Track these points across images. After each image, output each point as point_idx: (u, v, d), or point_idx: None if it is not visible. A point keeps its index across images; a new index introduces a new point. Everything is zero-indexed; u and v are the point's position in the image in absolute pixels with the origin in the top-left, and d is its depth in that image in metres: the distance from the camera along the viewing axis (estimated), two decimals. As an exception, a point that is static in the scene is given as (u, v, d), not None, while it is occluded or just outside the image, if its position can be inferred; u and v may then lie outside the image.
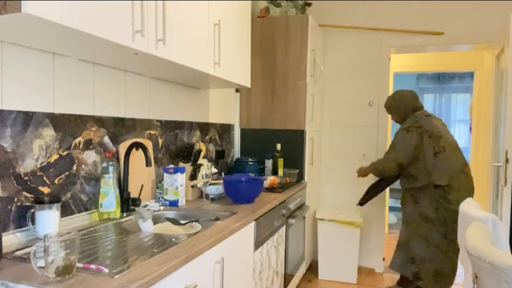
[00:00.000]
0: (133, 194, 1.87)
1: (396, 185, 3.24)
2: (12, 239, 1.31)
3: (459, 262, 2.73)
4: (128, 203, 1.77)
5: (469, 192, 2.63)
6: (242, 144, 3.25)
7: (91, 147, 1.66)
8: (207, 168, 2.34)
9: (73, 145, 1.56)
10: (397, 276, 3.48)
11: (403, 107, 2.84)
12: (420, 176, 2.65)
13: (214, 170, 2.45)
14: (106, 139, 1.75)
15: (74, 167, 1.57)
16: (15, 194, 1.33)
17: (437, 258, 2.64)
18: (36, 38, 1.23)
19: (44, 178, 1.43)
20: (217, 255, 1.50)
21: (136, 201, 1.77)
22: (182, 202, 2.02)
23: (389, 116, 3.64)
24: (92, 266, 1.08)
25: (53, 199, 1.35)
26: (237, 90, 3.26)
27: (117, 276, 1.03)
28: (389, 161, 2.72)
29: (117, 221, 1.64)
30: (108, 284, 0.98)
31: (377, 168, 2.81)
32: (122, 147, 1.83)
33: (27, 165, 1.37)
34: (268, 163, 3.01)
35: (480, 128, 4.54)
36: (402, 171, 2.75)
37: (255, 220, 1.94)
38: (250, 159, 2.94)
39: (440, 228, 2.62)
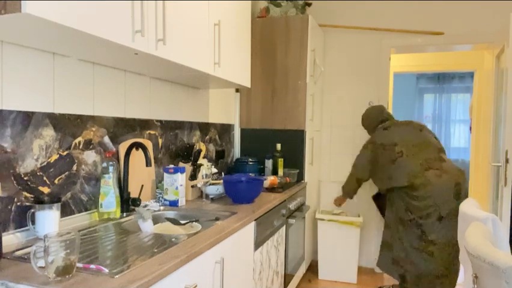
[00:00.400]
0: (133, 194, 1.87)
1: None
2: (12, 239, 1.31)
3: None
4: (128, 203, 1.77)
5: (445, 183, 2.52)
6: (242, 144, 3.25)
7: (91, 147, 1.66)
8: (207, 168, 2.34)
9: (73, 145, 1.56)
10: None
11: (370, 123, 3.02)
12: (382, 183, 2.77)
13: (214, 170, 2.45)
14: (106, 139, 1.75)
15: (74, 167, 1.57)
16: (15, 194, 1.33)
17: (419, 260, 2.58)
18: (36, 38, 1.23)
19: (44, 178, 1.43)
20: (217, 255, 1.50)
21: (136, 201, 1.77)
22: (182, 202, 2.02)
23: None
24: (92, 266, 1.08)
25: (53, 199, 1.35)
26: (237, 90, 3.26)
27: (117, 276, 1.03)
28: (350, 179, 2.96)
29: (117, 221, 1.64)
30: (108, 284, 0.98)
31: (344, 191, 3.02)
32: (122, 147, 1.83)
33: (27, 165, 1.37)
34: (268, 163, 3.01)
35: (480, 128, 4.54)
36: (361, 184, 2.96)
37: (255, 220, 1.94)
38: (250, 159, 2.94)
39: (416, 229, 2.58)
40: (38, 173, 1.41)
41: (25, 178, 1.36)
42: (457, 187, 2.53)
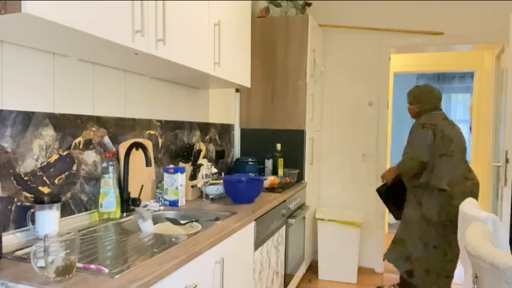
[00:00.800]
0: (133, 194, 1.87)
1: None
2: (12, 239, 1.31)
3: (459, 263, 2.73)
4: (128, 203, 1.77)
5: (473, 198, 2.57)
6: (242, 144, 3.25)
7: (91, 147, 1.66)
8: (207, 168, 2.33)
9: (73, 145, 1.56)
10: (397, 277, 3.48)
11: (428, 102, 2.75)
12: (422, 174, 2.62)
13: (214, 170, 2.45)
14: (106, 139, 1.75)
15: (74, 167, 1.57)
16: (15, 194, 1.33)
17: (434, 258, 2.60)
18: (36, 38, 1.23)
19: (44, 178, 1.43)
20: (217, 255, 1.50)
21: (136, 201, 1.77)
22: (182, 202, 2.02)
23: (390, 115, 3.64)
24: (92, 266, 1.08)
25: (53, 199, 1.35)
26: (237, 90, 3.26)
27: (117, 276, 1.03)
28: (410, 159, 2.62)
29: (117, 221, 1.64)
30: (108, 284, 0.98)
31: (403, 168, 2.68)
32: (122, 147, 1.83)
33: (27, 165, 1.37)
34: (268, 163, 3.01)
35: (480, 128, 4.54)
36: (424, 169, 2.64)
37: (255, 220, 1.94)
38: (250, 159, 2.94)
39: (442, 231, 2.57)
40: (38, 173, 1.41)
41: (25, 178, 1.36)
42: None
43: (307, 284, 3.26)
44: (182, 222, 1.70)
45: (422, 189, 2.62)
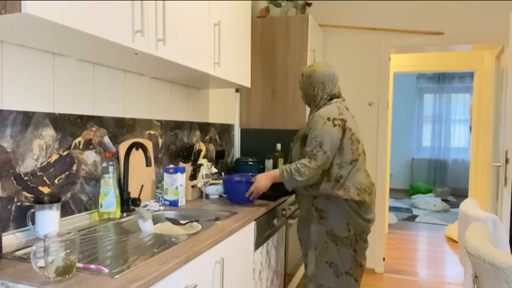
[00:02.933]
0: (133, 194, 1.87)
1: (395, 184, 3.21)
2: (12, 239, 1.31)
3: (459, 263, 2.73)
4: (128, 203, 1.77)
5: (373, 207, 2.06)
6: (242, 144, 3.25)
7: (91, 147, 1.66)
8: (207, 168, 2.33)
9: (73, 145, 1.56)
10: (397, 277, 3.49)
11: (323, 88, 2.02)
12: (327, 183, 1.94)
13: (214, 170, 2.45)
14: (106, 139, 1.75)
15: (74, 167, 1.57)
16: (15, 194, 1.33)
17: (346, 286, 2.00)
18: (36, 38, 1.23)
19: (44, 178, 1.43)
20: (217, 255, 1.50)
21: (136, 201, 1.77)
22: (182, 202, 2.02)
23: (390, 115, 3.64)
24: (92, 266, 1.08)
25: (53, 199, 1.35)
26: (237, 90, 3.26)
27: (117, 276, 1.03)
28: (317, 167, 1.88)
29: (117, 221, 1.64)
30: (108, 284, 0.98)
31: (298, 182, 1.92)
32: (122, 147, 1.83)
33: (27, 165, 1.37)
34: (269, 163, 3.01)
35: (480, 128, 4.54)
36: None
37: (255, 220, 1.94)
38: (250, 159, 2.94)
39: (351, 248, 1.98)
40: (38, 173, 1.41)
41: (25, 178, 1.36)
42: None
43: (307, 284, 3.26)
44: (183, 222, 1.70)
45: (324, 199, 1.98)
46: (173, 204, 1.98)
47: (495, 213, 3.17)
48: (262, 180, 2.02)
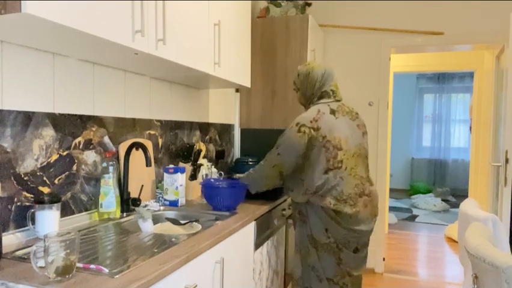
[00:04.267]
0: (133, 194, 1.87)
1: (395, 184, 3.21)
2: (12, 239, 1.31)
3: (459, 263, 2.73)
4: (128, 203, 1.77)
5: (367, 216, 1.93)
6: (242, 144, 3.25)
7: (91, 147, 1.66)
8: (207, 168, 2.34)
9: (73, 145, 1.56)
10: (397, 277, 3.49)
11: (309, 87, 1.99)
12: (299, 190, 1.93)
13: (214, 170, 2.45)
14: (106, 139, 1.75)
15: (74, 167, 1.57)
16: (15, 194, 1.33)
17: None
18: (36, 38, 1.23)
19: (44, 178, 1.43)
20: (217, 255, 1.50)
21: (136, 201, 1.77)
22: (182, 202, 2.01)
23: (390, 115, 3.64)
24: (92, 266, 1.08)
25: (53, 199, 1.35)
26: (237, 90, 3.26)
27: (117, 276, 1.03)
28: (270, 170, 1.93)
29: (117, 221, 1.64)
30: (108, 284, 0.98)
31: (255, 180, 2.00)
32: (122, 147, 1.83)
33: (28, 165, 1.37)
34: (268, 163, 3.01)
35: (480, 128, 4.54)
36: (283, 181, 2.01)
37: (255, 220, 1.94)
38: (250, 159, 2.93)
39: (334, 256, 1.91)
40: (38, 173, 1.41)
41: (25, 178, 1.36)
42: (373, 222, 1.98)
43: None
44: (183, 222, 1.70)
45: (304, 204, 1.95)
46: (173, 204, 1.98)
47: (495, 213, 3.17)
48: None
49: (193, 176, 2.16)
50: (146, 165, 1.69)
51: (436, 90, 8.23)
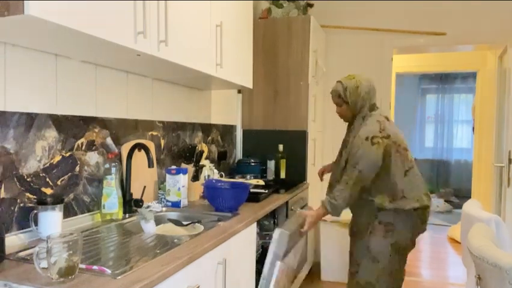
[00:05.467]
0: (136, 195, 1.87)
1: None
2: (15, 240, 1.31)
3: (462, 264, 2.72)
4: (130, 204, 1.78)
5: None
6: (244, 145, 3.25)
7: (93, 148, 1.66)
8: (209, 169, 2.34)
9: (75, 146, 1.57)
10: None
11: (366, 100, 2.00)
12: (384, 199, 1.94)
13: (216, 171, 2.45)
14: (109, 140, 1.76)
15: (77, 168, 1.58)
16: (18, 195, 1.33)
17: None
18: (39, 40, 1.24)
19: (47, 179, 1.44)
20: (219, 256, 1.50)
21: (139, 202, 1.77)
22: (184, 203, 2.02)
23: (392, 116, 3.63)
24: (95, 267, 1.08)
25: (56, 200, 1.36)
26: (239, 91, 3.26)
27: (120, 277, 1.03)
28: (353, 185, 1.88)
29: (119, 222, 1.64)
30: (111, 285, 0.98)
31: (340, 205, 1.92)
32: (125, 149, 1.84)
33: (30, 166, 1.37)
34: (271, 164, 3.01)
35: (483, 129, 4.52)
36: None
37: (258, 221, 1.94)
38: (252, 160, 2.94)
39: (406, 256, 2.03)
40: (40, 174, 1.41)
41: (28, 179, 1.36)
42: None
43: (310, 285, 3.25)
44: (185, 223, 1.70)
45: (392, 212, 1.95)
46: (176, 205, 1.98)
47: (498, 214, 3.16)
48: (313, 220, 1.99)
49: (195, 177, 2.17)
50: (149, 166, 1.69)
51: (439, 90, 8.21)
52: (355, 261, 2.07)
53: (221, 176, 2.47)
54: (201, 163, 2.23)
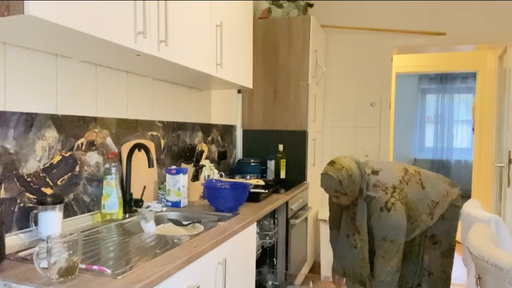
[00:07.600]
0: (136, 195, 1.87)
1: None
2: (15, 240, 1.31)
3: (462, 264, 2.71)
4: (130, 204, 1.78)
5: None
6: (244, 145, 3.25)
7: (93, 148, 1.66)
8: (209, 169, 2.34)
9: (75, 146, 1.57)
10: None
11: (358, 184, 1.91)
12: (425, 218, 1.96)
13: (216, 171, 2.45)
14: (109, 140, 1.76)
15: (77, 168, 1.58)
16: (18, 195, 1.33)
17: None
18: (39, 40, 1.24)
19: (47, 179, 1.44)
20: (219, 256, 1.50)
21: (139, 202, 1.77)
22: (184, 203, 2.02)
23: (392, 116, 3.63)
24: (95, 267, 1.08)
25: (56, 200, 1.36)
26: (239, 91, 3.26)
27: (120, 277, 1.03)
28: (395, 255, 1.86)
29: (119, 222, 1.64)
30: (111, 284, 0.99)
31: (389, 281, 1.87)
32: (125, 148, 1.84)
33: (30, 166, 1.37)
34: (271, 164, 3.01)
35: (483, 129, 4.52)
36: None
37: (258, 221, 1.94)
38: (252, 160, 2.94)
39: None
40: (40, 174, 1.41)
41: (28, 179, 1.36)
42: None
43: (310, 284, 3.25)
44: (185, 223, 1.70)
45: (439, 221, 2.00)
46: (176, 205, 1.98)
47: (498, 214, 3.16)
48: None
49: (195, 177, 2.17)
50: (149, 166, 1.69)
51: (439, 90, 8.21)
52: (413, 282, 2.07)
53: (221, 176, 2.46)
54: (200, 163, 2.23)
